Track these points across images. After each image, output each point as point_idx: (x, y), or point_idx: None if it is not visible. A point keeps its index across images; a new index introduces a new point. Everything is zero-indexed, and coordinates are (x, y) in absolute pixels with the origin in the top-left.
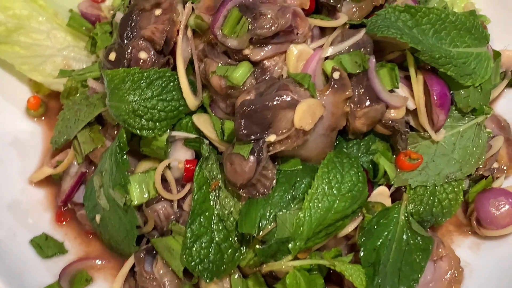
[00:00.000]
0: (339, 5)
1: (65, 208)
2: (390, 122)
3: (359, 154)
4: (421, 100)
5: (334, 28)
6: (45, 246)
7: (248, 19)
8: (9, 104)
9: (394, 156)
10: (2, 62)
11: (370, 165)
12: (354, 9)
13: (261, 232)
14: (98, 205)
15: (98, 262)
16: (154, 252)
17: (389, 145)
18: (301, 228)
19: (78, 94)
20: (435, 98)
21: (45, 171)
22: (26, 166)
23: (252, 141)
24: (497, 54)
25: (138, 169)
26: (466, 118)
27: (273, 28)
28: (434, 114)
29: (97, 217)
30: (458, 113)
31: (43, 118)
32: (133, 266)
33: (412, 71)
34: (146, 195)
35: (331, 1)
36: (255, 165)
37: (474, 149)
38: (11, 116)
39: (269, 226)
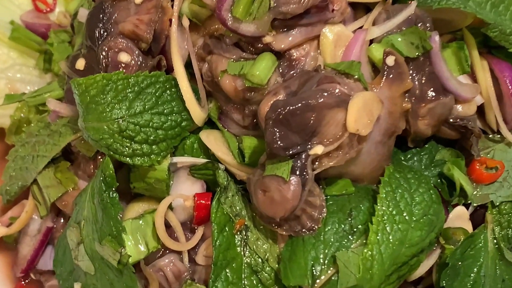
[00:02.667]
0: None
1: (27, 280)
2: (459, 120)
3: (422, 168)
4: (490, 90)
5: (368, 10)
6: None
7: None
8: None
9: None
10: None
11: (439, 180)
12: None
13: (317, 282)
14: (76, 269)
15: None
16: None
17: (457, 151)
18: (371, 271)
19: (33, 124)
20: (509, 86)
21: None
22: None
23: (292, 157)
24: None
25: (128, 213)
26: None
27: (303, 2)
28: (507, 107)
29: (76, 287)
30: None
31: None
32: None
33: (475, 54)
34: (144, 248)
35: None
36: (300, 188)
37: None
38: None
39: (328, 272)
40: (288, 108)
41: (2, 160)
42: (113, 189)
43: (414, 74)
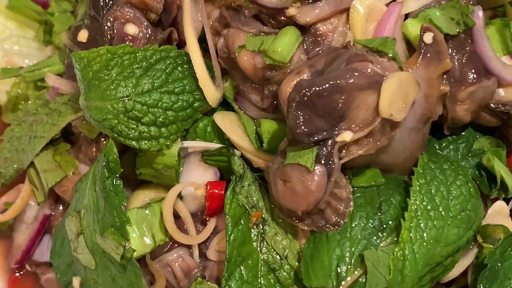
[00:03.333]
0: None
1: (22, 272)
2: (501, 106)
3: (459, 157)
4: None
5: None
6: None
7: None
8: None
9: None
10: None
11: (477, 172)
12: None
13: (342, 283)
14: (75, 262)
15: None
16: None
17: (497, 140)
18: (403, 273)
19: (30, 101)
20: None
21: None
22: None
23: (317, 143)
24: None
25: (133, 202)
26: None
27: None
28: None
29: (75, 281)
30: None
31: None
32: None
33: None
34: (150, 241)
35: None
36: (325, 178)
37: None
38: None
39: (355, 273)
40: (313, 89)
41: None
42: (117, 175)
43: (453, 54)
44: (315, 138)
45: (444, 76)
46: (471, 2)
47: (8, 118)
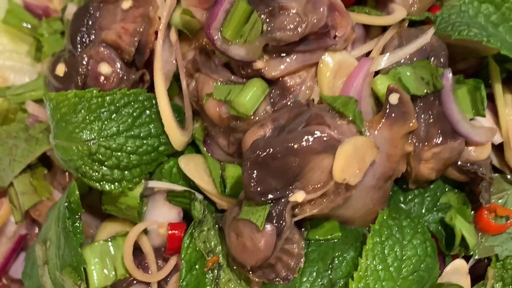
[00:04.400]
0: None
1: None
2: (469, 165)
3: (423, 211)
4: (510, 130)
5: (384, 28)
6: None
7: (262, 16)
8: None
9: (472, 212)
10: None
11: (440, 227)
12: None
13: None
14: (42, 286)
15: None
16: None
17: (465, 195)
18: None
19: (13, 124)
20: None
21: None
22: None
23: (270, 202)
24: None
25: (99, 234)
26: None
27: (300, 29)
28: None
29: None
30: None
31: None
32: None
33: (498, 87)
34: (112, 274)
35: None
36: (273, 238)
37: None
38: None
39: None
40: (268, 150)
41: None
42: (78, 216)
43: (421, 113)
44: (268, 197)
45: (409, 135)
46: (442, 64)
47: None
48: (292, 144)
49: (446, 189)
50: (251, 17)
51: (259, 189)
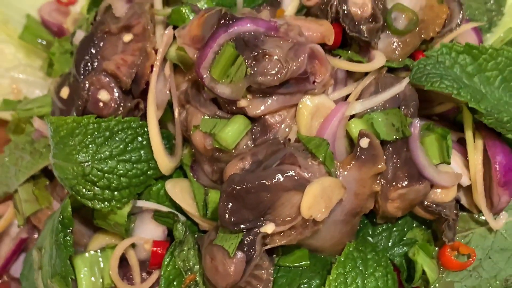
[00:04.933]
0: (374, 40)
1: (1, 280)
2: (434, 206)
3: (390, 244)
4: (478, 176)
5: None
6: None
7: (247, 60)
8: None
9: (437, 248)
10: None
11: (404, 261)
12: (394, 45)
13: None
14: None
15: None
16: None
17: (430, 232)
18: None
19: (24, 134)
20: (498, 174)
21: None
22: None
23: (242, 231)
24: None
25: (91, 245)
26: None
27: (280, 74)
28: (494, 194)
29: None
30: None
31: None
32: None
33: (469, 134)
34: (99, 282)
35: (365, 36)
36: (243, 265)
37: None
38: None
39: None
40: (243, 185)
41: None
42: (69, 230)
43: (390, 157)
44: (240, 227)
45: (378, 176)
46: (411, 113)
47: (9, 136)
48: (265, 181)
49: (414, 225)
50: (237, 61)
51: (232, 219)
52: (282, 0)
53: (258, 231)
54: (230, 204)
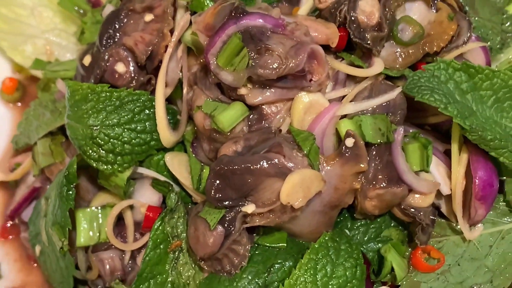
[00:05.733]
0: (377, 48)
1: (11, 223)
2: (411, 209)
3: (365, 239)
4: (458, 187)
5: None
6: None
7: (251, 53)
8: None
9: (410, 249)
10: None
11: (377, 256)
12: (397, 54)
13: None
14: (40, 234)
15: None
16: None
17: (406, 233)
18: None
19: (49, 92)
20: (476, 188)
21: None
22: None
23: (225, 208)
24: None
25: (94, 201)
26: None
27: (279, 69)
28: (472, 206)
29: (37, 249)
30: (506, 206)
31: (18, 104)
32: None
33: (455, 148)
34: (96, 236)
35: (368, 43)
36: (221, 239)
37: None
38: None
39: None
40: (230, 166)
41: None
42: (72, 185)
43: (372, 158)
44: (223, 204)
45: (359, 175)
46: (397, 120)
47: (38, 93)
48: (250, 165)
49: (391, 225)
50: (241, 52)
51: (217, 195)
52: None
53: (239, 209)
54: (217, 182)
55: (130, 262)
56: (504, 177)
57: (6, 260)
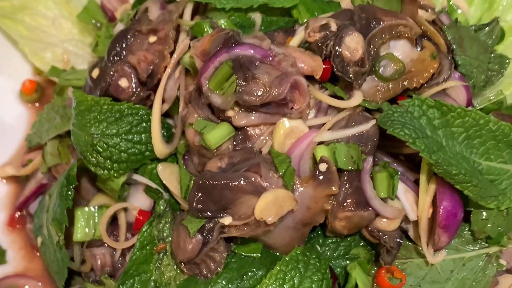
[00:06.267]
0: (358, 82)
1: (19, 214)
2: (377, 232)
3: (335, 255)
4: (423, 215)
5: None
6: None
7: (238, 80)
8: (5, 81)
9: (376, 268)
10: (8, 37)
11: (344, 272)
12: (378, 88)
13: None
14: (42, 227)
15: (35, 283)
16: None
17: (373, 253)
18: None
19: (62, 98)
20: (440, 217)
21: (7, 170)
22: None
23: (205, 218)
24: None
25: (92, 201)
26: (477, 245)
27: (262, 97)
28: (436, 233)
29: (39, 240)
30: (470, 235)
31: (36, 104)
32: None
33: (423, 179)
34: (91, 233)
35: (350, 76)
36: (199, 246)
37: (474, 284)
38: (1, 96)
39: None
40: (211, 181)
41: None
42: (71, 186)
43: (343, 183)
44: (204, 214)
45: (330, 197)
46: (366, 152)
47: (54, 96)
48: (230, 182)
49: (361, 244)
50: (230, 78)
51: (198, 206)
52: (297, 29)
53: (217, 221)
54: (199, 194)
55: (120, 259)
56: (471, 208)
57: (12, 247)
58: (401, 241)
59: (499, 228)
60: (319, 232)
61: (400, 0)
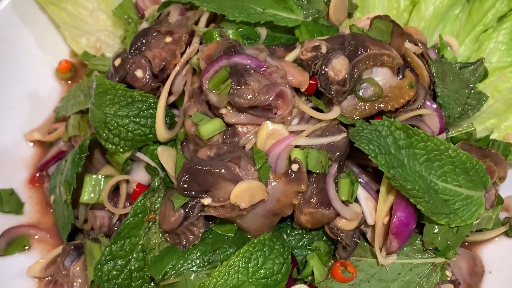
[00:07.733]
0: (338, 99)
1: (40, 174)
2: (336, 229)
3: (299, 245)
4: (379, 221)
5: None
6: (6, 201)
7: (233, 84)
8: (45, 58)
9: (333, 261)
10: (53, 21)
11: (304, 261)
12: (356, 107)
13: (164, 280)
14: (56, 187)
15: (44, 234)
16: (82, 250)
17: (333, 248)
18: None
19: (89, 78)
20: (393, 225)
21: (34, 135)
22: (31, 121)
23: (189, 196)
24: (499, 201)
25: (101, 171)
26: (426, 254)
27: (250, 101)
28: (388, 238)
29: (52, 197)
30: (421, 245)
31: (69, 82)
32: None
33: (382, 190)
34: (96, 197)
35: (332, 93)
36: (180, 219)
37: (417, 287)
38: (40, 71)
39: (172, 278)
40: (197, 166)
41: None
42: (83, 155)
43: (311, 183)
44: (187, 193)
45: (299, 193)
46: (333, 159)
47: (84, 76)
48: (212, 169)
49: (323, 238)
50: (226, 81)
51: (184, 186)
52: (296, 46)
53: (198, 200)
54: (186, 176)
55: (117, 223)
56: (424, 221)
57: (29, 202)
58: (358, 241)
59: (448, 242)
60: (288, 223)
61: (391, 33)
